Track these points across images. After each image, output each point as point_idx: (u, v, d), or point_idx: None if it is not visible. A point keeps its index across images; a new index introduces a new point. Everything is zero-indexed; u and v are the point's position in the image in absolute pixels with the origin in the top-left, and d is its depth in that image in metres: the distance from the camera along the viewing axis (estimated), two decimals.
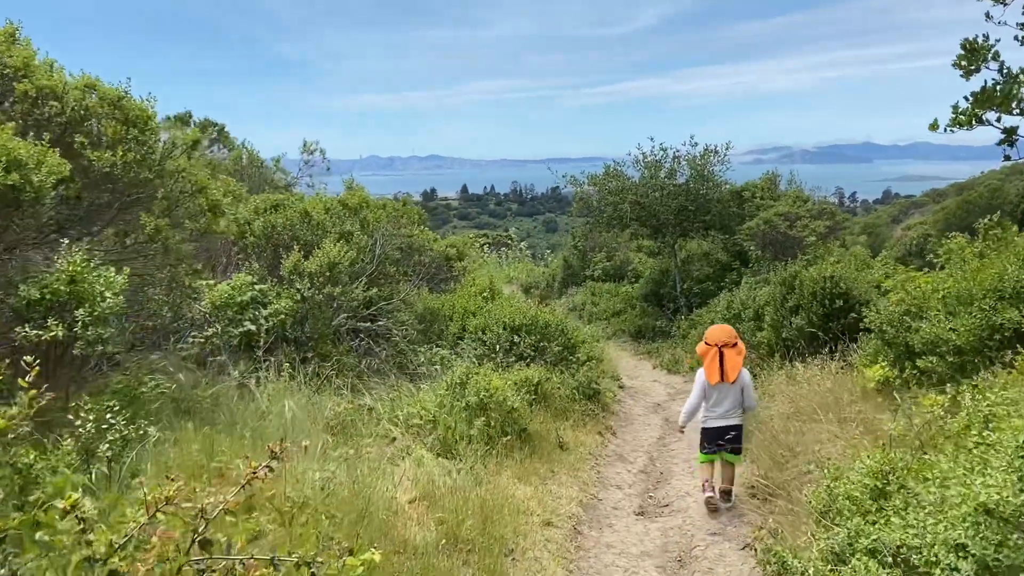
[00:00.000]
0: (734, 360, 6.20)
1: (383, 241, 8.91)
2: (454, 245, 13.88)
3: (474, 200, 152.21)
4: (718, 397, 6.25)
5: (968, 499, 2.57)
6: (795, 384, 8.22)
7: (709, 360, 6.24)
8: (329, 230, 8.24)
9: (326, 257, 7.59)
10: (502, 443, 6.73)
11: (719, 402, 6.25)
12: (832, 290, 9.59)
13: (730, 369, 6.17)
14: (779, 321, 10.10)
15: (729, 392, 6.23)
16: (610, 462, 7.93)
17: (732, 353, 6.22)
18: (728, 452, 6.26)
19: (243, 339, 7.52)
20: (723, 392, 6.23)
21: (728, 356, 6.19)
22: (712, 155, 18.42)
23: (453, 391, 6.93)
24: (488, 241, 37.29)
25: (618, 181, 18.61)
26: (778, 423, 7.32)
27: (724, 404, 6.24)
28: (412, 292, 10.53)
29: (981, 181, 59.81)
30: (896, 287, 7.16)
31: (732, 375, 6.17)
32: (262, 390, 6.86)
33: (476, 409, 6.75)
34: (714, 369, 6.19)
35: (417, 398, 7.00)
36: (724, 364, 6.17)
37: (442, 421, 6.51)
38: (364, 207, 9.16)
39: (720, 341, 6.25)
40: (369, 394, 7.24)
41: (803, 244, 15.61)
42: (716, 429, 6.23)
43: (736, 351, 6.25)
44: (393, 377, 7.95)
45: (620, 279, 22.95)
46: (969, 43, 7.50)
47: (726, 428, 6.21)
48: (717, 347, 6.22)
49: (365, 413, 6.74)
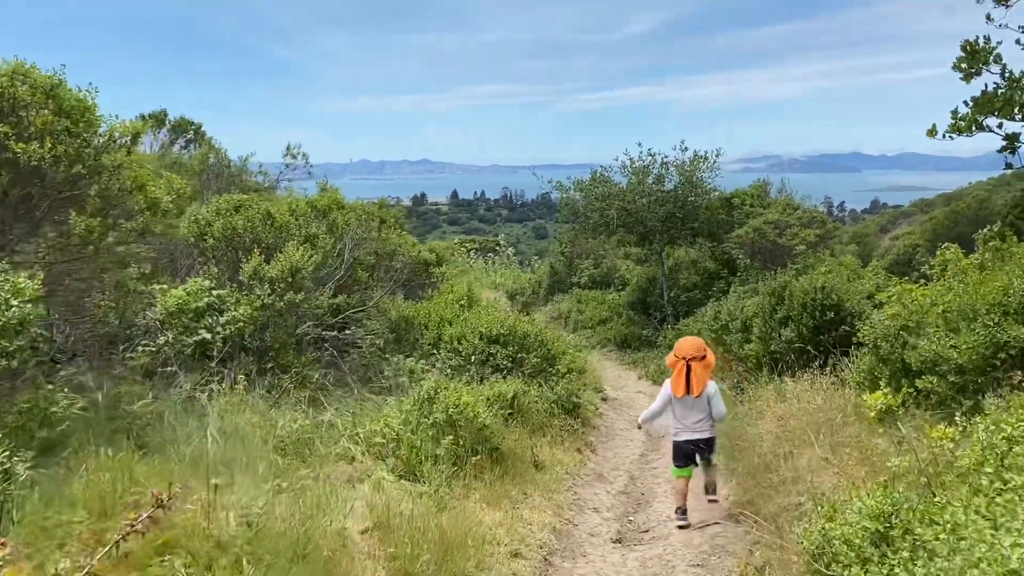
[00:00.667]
0: (701, 374, 6.17)
1: (352, 245, 8.43)
2: (434, 250, 13.43)
3: (464, 205, 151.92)
4: (683, 410, 6.25)
5: (994, 562, 2.15)
6: (784, 401, 7.80)
7: (676, 373, 6.23)
8: (294, 233, 7.76)
9: (288, 261, 7.11)
10: (472, 463, 6.27)
11: (687, 415, 6.24)
12: (823, 301, 9.20)
13: (696, 383, 6.15)
14: (768, 333, 9.69)
15: (696, 404, 6.21)
16: (588, 482, 7.48)
17: (699, 367, 6.19)
18: (703, 460, 6.31)
19: (197, 348, 7.03)
20: (689, 404, 6.21)
21: (695, 369, 6.17)
22: (701, 161, 18.06)
23: (420, 407, 6.46)
24: (476, 246, 36.84)
25: (605, 187, 18.23)
26: (766, 444, 6.88)
27: (692, 416, 6.23)
28: (386, 299, 10.06)
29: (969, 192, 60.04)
30: (891, 300, 6.76)
31: (698, 389, 6.15)
32: (214, 404, 6.37)
33: (444, 427, 6.28)
34: (680, 382, 6.18)
35: (381, 414, 6.52)
36: (691, 377, 6.16)
37: (406, 440, 6.04)
38: (334, 209, 8.68)
39: (688, 354, 6.22)
40: (331, 409, 6.76)
41: (793, 253, 15.24)
42: (687, 443, 6.24)
43: (703, 364, 6.22)
44: (358, 390, 7.47)
45: (607, 286, 22.58)
46: (970, 45, 7.13)
47: (697, 442, 6.21)
48: (685, 360, 6.20)
49: (324, 430, 6.26)
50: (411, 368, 7.45)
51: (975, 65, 6.99)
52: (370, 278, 9.38)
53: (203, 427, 5.77)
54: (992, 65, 6.98)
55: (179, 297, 7.19)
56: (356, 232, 8.59)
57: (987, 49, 7.03)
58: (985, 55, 6.98)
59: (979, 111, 7.08)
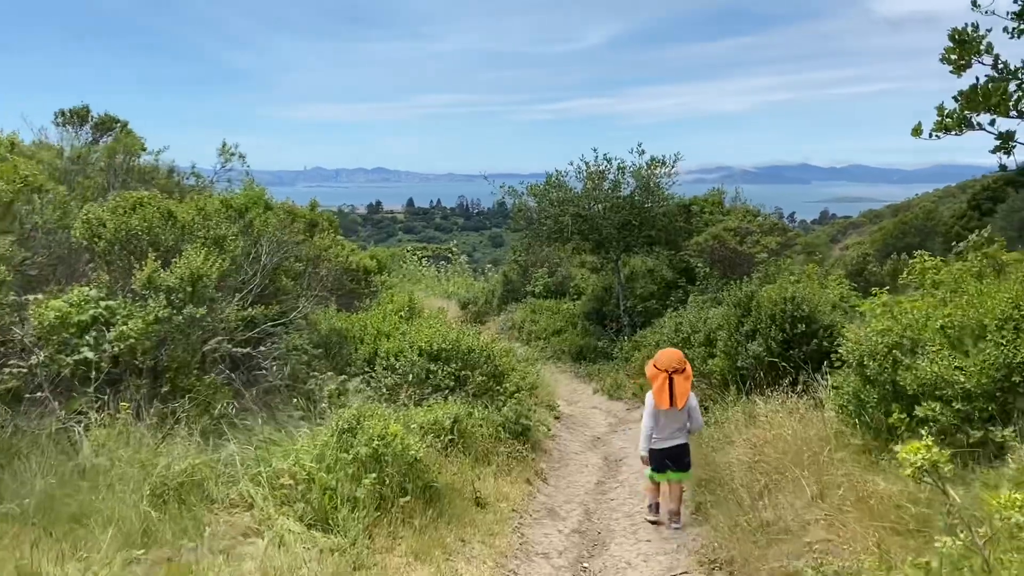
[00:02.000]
0: (683, 386, 6.22)
1: (271, 249, 7.41)
2: (375, 256, 12.42)
3: (420, 214, 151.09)
4: (665, 422, 6.27)
5: None
6: (755, 425, 7.04)
7: (659, 385, 6.21)
8: (200, 235, 6.71)
9: (187, 267, 6.07)
10: (399, 506, 5.31)
11: (666, 426, 6.28)
12: (793, 312, 8.48)
13: (679, 395, 6.18)
14: (733, 348, 8.94)
15: (677, 417, 6.28)
16: (538, 519, 6.57)
17: (681, 379, 6.22)
18: (675, 471, 6.27)
19: (77, 369, 5.95)
20: (671, 417, 6.26)
21: (677, 382, 6.20)
22: (659, 166, 17.40)
23: (339, 439, 5.48)
24: (428, 254, 35.82)
25: (560, 192, 17.46)
26: (738, 474, 6.09)
27: (671, 427, 6.28)
28: (315, 310, 9.04)
29: (916, 203, 61.37)
30: (878, 313, 6.03)
31: (681, 401, 6.19)
32: (91, 436, 5.32)
33: (367, 463, 5.32)
34: (664, 395, 6.17)
35: (293, 447, 5.52)
36: (674, 390, 6.18)
37: (319, 480, 5.05)
38: (252, 209, 7.64)
39: (670, 367, 6.22)
40: (236, 440, 5.73)
41: (754, 261, 14.62)
42: (663, 451, 6.27)
43: (684, 376, 6.26)
44: (272, 417, 6.45)
45: (562, 295, 21.82)
46: (958, 33, 6.46)
47: (672, 448, 6.26)
48: (667, 373, 6.19)
49: (223, 467, 5.24)
50: (331, 392, 6.45)
51: (966, 56, 6.32)
52: (297, 287, 8.35)
53: (65, 469, 4.72)
54: (984, 56, 6.32)
55: (58, 309, 6.10)
56: (277, 235, 7.56)
57: (977, 38, 6.37)
58: (976, 44, 6.32)
59: (969, 107, 6.41)
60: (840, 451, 5.52)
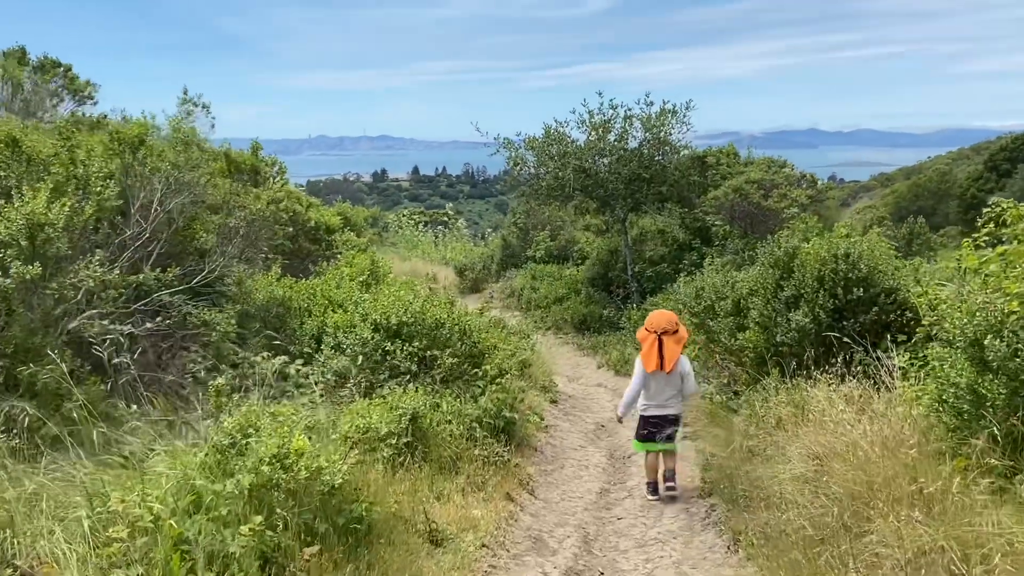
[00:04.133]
0: (673, 349, 5.98)
1: (167, 192, 5.60)
2: (342, 213, 10.61)
3: (425, 182, 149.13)
4: (656, 387, 6.04)
5: None
6: (807, 421, 5.27)
7: (648, 347, 6.02)
8: (56, 172, 4.94)
9: (21, 215, 4.31)
10: (306, 559, 3.59)
11: (658, 392, 6.05)
12: (847, 274, 6.69)
13: (668, 358, 5.95)
14: (771, 318, 7.16)
15: (669, 381, 6.04)
16: (519, 556, 4.84)
17: (671, 341, 5.99)
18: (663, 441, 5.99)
19: None
20: (661, 381, 6.03)
21: (667, 344, 5.97)
22: (670, 115, 15.49)
23: (219, 460, 3.75)
24: (425, 219, 34.00)
25: (560, 145, 15.59)
26: (799, 505, 4.31)
27: (664, 393, 6.05)
28: (253, 276, 7.30)
29: (929, 166, 59.11)
30: (995, 272, 4.24)
31: (669, 364, 5.95)
32: None
33: (254, 496, 3.59)
34: (652, 357, 5.96)
35: (139, 479, 3.76)
36: (663, 352, 5.95)
37: (167, 530, 3.32)
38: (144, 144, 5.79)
39: (660, 328, 6.01)
40: (81, 463, 4.00)
41: (781, 218, 12.75)
42: (654, 418, 6.05)
43: (675, 339, 6.02)
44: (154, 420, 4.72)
45: (564, 260, 20.07)
46: None
47: (663, 417, 6.03)
48: (656, 334, 5.99)
49: (35, 507, 3.51)
50: (219, 388, 4.66)
51: None
52: (219, 245, 6.57)
53: None
54: None
55: None
56: (177, 175, 5.75)
57: None
58: None
59: None
60: (949, 470, 3.78)
